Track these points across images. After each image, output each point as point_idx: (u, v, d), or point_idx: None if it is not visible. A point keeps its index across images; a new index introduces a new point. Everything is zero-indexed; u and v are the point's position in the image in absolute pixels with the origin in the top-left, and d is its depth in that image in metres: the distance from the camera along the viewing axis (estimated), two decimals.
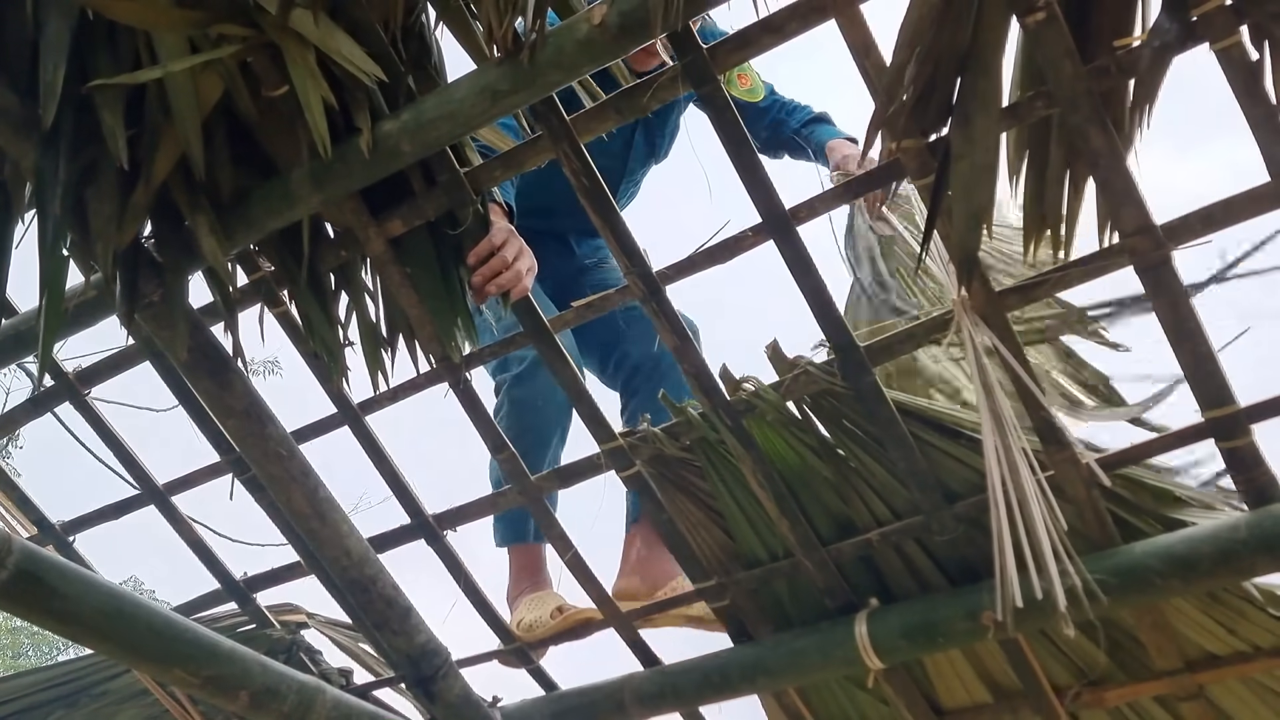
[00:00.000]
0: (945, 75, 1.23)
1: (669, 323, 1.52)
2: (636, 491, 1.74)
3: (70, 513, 2.08)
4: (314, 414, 1.79)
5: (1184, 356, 1.37)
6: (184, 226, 1.43)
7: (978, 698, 1.86)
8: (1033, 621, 1.49)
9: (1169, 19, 1.16)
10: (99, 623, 1.37)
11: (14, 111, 1.30)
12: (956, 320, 1.40)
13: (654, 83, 1.34)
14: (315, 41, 1.25)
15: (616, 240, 1.46)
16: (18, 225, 1.46)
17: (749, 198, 1.41)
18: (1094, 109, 1.23)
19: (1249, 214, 1.28)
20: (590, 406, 1.64)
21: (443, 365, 1.63)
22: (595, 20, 1.24)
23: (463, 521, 1.87)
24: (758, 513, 1.72)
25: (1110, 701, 1.74)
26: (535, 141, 1.43)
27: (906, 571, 1.71)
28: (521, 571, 2.19)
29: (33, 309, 1.62)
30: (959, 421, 1.56)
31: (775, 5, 1.25)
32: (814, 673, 1.77)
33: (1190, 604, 1.60)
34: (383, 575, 1.73)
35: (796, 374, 1.56)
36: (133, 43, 1.31)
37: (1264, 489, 1.43)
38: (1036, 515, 1.38)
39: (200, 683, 1.48)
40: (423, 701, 1.88)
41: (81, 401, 1.88)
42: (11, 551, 1.28)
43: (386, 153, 1.36)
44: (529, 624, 1.97)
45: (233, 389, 1.55)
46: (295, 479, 1.61)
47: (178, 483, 1.96)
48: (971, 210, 1.26)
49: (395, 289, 1.55)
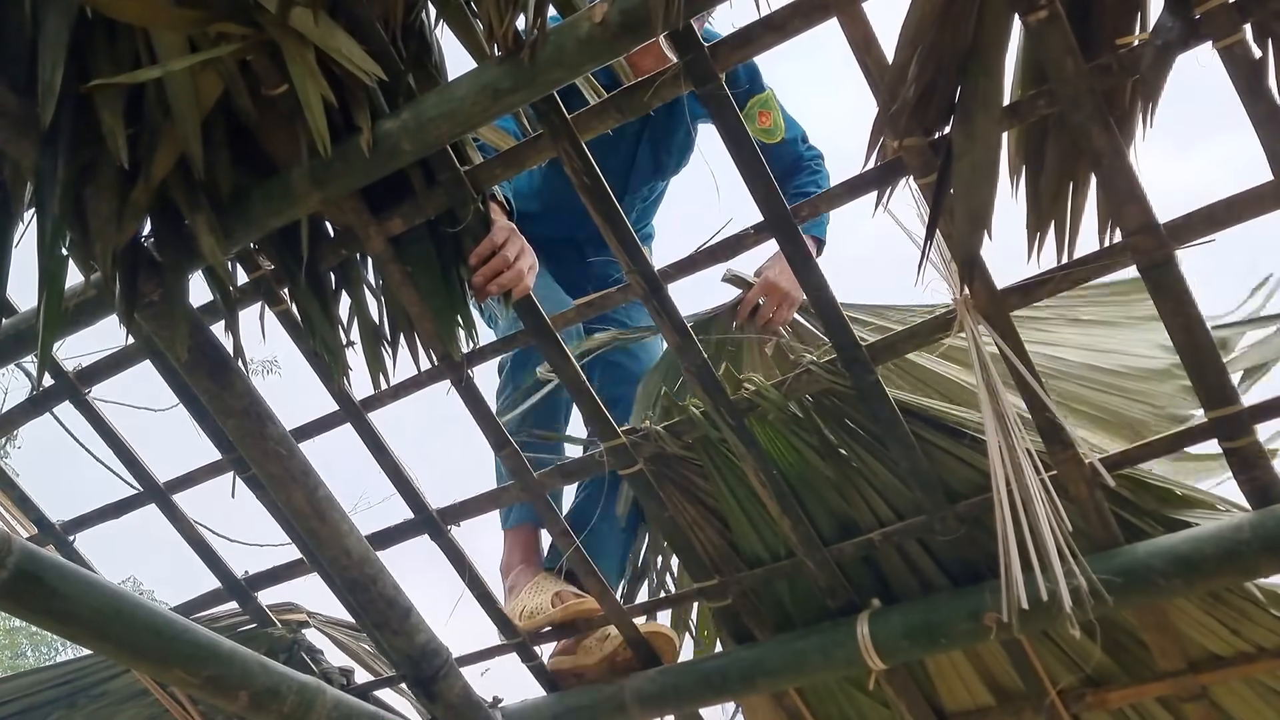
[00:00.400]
0: (947, 74, 1.23)
1: (670, 321, 1.52)
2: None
3: (70, 512, 2.08)
4: (312, 413, 1.79)
5: (1187, 356, 1.36)
6: (184, 225, 1.42)
7: (980, 700, 1.86)
8: (1036, 622, 1.49)
9: (1171, 17, 1.15)
10: (99, 623, 1.37)
11: (13, 111, 1.30)
12: (959, 320, 1.40)
13: (655, 81, 1.34)
14: (315, 40, 1.24)
15: (618, 239, 1.46)
16: (18, 225, 1.45)
17: (750, 196, 1.40)
18: (1096, 107, 1.22)
19: (1252, 213, 1.28)
20: (592, 403, 1.63)
21: (444, 363, 1.63)
22: (596, 18, 1.23)
23: (466, 516, 1.86)
24: (759, 512, 1.72)
25: (1113, 703, 1.74)
26: (536, 140, 1.43)
27: (908, 571, 1.71)
28: (516, 549, 2.17)
29: (32, 308, 1.62)
30: (961, 421, 1.56)
31: (777, 3, 1.24)
32: (815, 673, 1.77)
33: (1193, 604, 1.59)
34: (383, 575, 1.73)
35: (798, 373, 1.56)
36: (132, 41, 1.31)
37: (1267, 489, 1.43)
38: (1040, 515, 1.38)
39: (200, 683, 1.48)
40: (423, 701, 1.88)
41: (81, 401, 1.88)
42: (11, 551, 1.28)
43: (387, 152, 1.36)
44: (530, 610, 1.97)
45: (233, 388, 1.54)
46: (295, 478, 1.60)
47: (178, 481, 1.96)
48: (973, 209, 1.25)
49: (396, 287, 1.55)
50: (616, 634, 1.91)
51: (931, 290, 1.63)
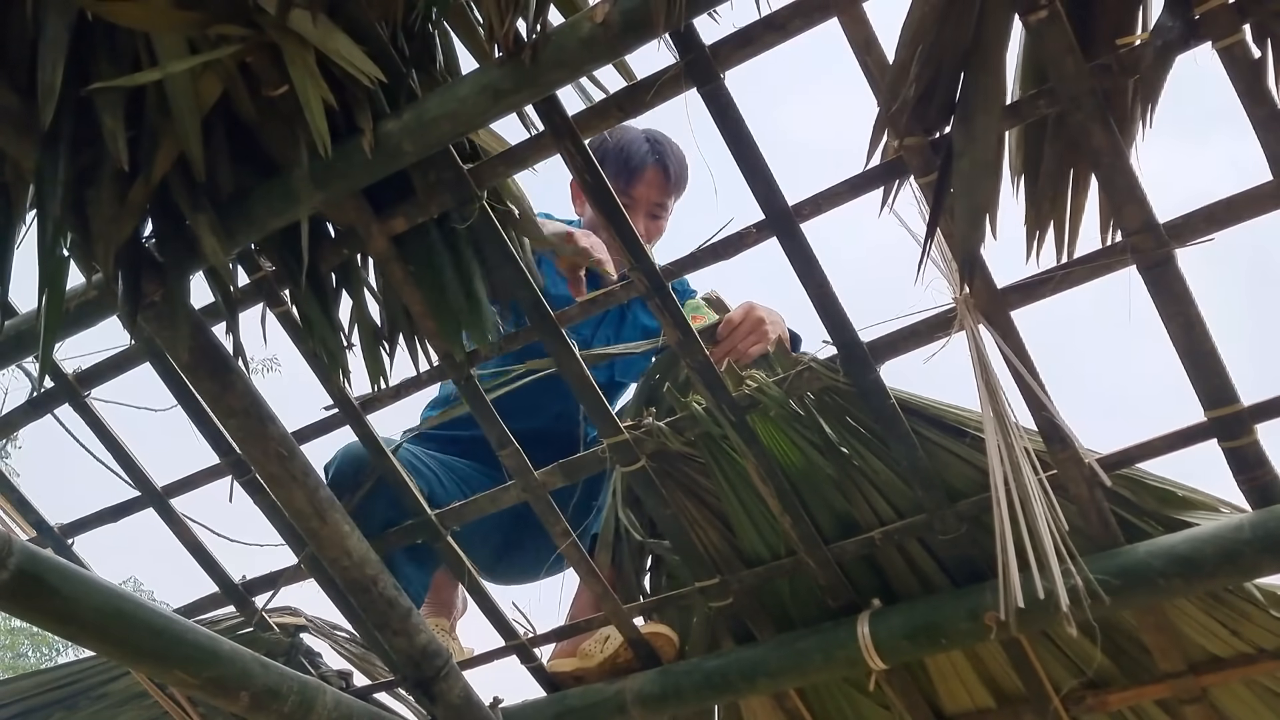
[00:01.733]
0: (948, 73, 1.23)
1: (672, 318, 1.52)
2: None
3: (69, 514, 2.08)
4: (311, 411, 1.79)
5: (1187, 355, 1.37)
6: (185, 226, 1.42)
7: (980, 701, 1.86)
8: (1035, 621, 1.49)
9: (1171, 17, 1.16)
10: (99, 623, 1.37)
11: (14, 112, 1.30)
12: (959, 319, 1.40)
13: (657, 81, 1.34)
14: (314, 42, 1.24)
15: (619, 237, 1.46)
16: (19, 226, 1.45)
17: (751, 194, 1.40)
18: (1096, 107, 1.23)
19: (1252, 213, 1.28)
20: (595, 400, 1.64)
21: (446, 362, 1.63)
22: (598, 18, 1.24)
23: (465, 519, 1.86)
24: (760, 510, 1.72)
25: (1113, 705, 1.74)
26: (538, 138, 1.43)
27: (909, 571, 1.71)
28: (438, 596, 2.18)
29: (33, 310, 1.62)
30: (962, 420, 1.56)
31: (778, 3, 1.25)
32: (816, 673, 1.77)
33: (1193, 605, 1.59)
34: (383, 576, 1.73)
35: (800, 370, 1.56)
36: (132, 43, 1.31)
37: (1267, 489, 1.43)
38: (1039, 514, 1.38)
39: (200, 683, 1.48)
40: (423, 703, 1.87)
41: (81, 403, 1.88)
42: (12, 552, 1.28)
43: (388, 152, 1.36)
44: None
45: (234, 389, 1.54)
46: (296, 479, 1.60)
47: (176, 485, 1.96)
48: (973, 208, 1.26)
49: (398, 286, 1.55)
50: (617, 636, 1.91)
51: (932, 289, 1.63)
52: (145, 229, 1.47)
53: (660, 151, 2.39)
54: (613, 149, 2.37)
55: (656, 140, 2.40)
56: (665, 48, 1.29)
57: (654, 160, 2.37)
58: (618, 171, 2.34)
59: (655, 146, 2.39)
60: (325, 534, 1.65)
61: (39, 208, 1.33)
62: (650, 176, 2.37)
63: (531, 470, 1.74)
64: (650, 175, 2.37)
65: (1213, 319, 1.33)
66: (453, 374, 1.65)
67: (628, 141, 2.38)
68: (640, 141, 2.38)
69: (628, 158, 2.36)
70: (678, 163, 2.42)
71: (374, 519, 1.88)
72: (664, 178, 2.39)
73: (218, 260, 1.38)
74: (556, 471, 1.75)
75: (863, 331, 1.47)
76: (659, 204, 2.40)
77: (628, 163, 2.36)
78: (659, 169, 2.38)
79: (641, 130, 2.42)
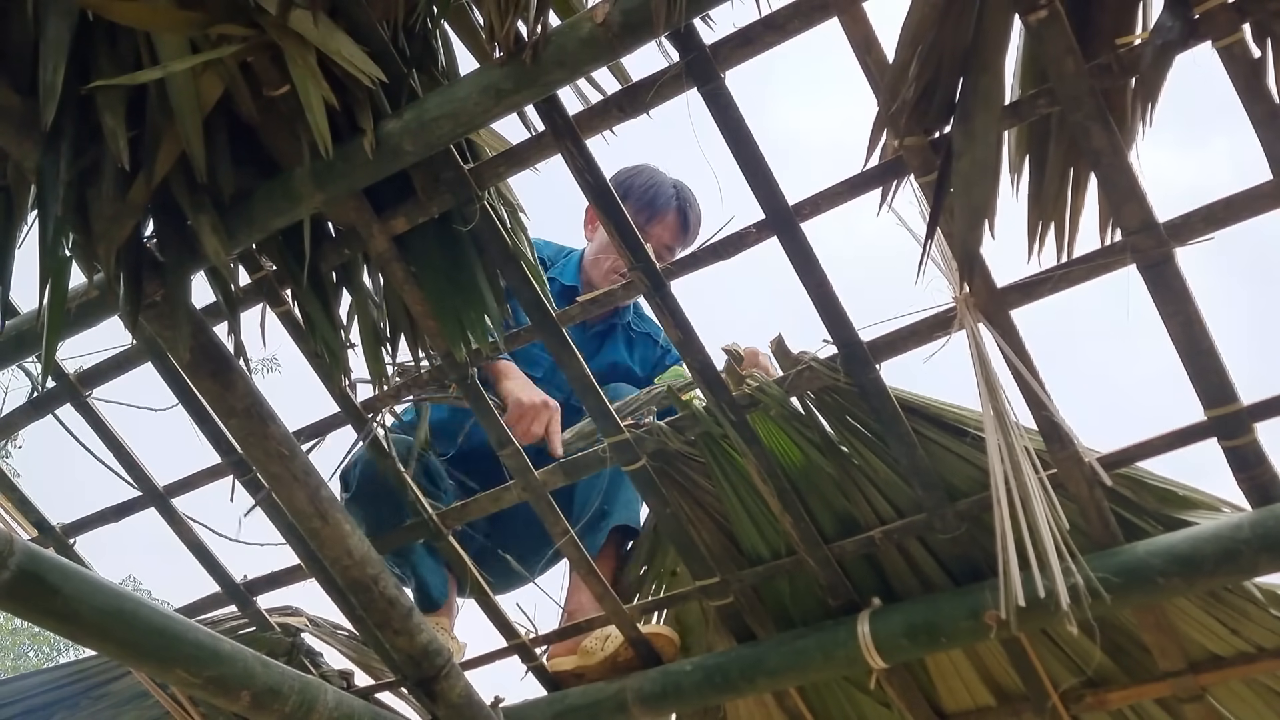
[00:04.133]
0: (947, 73, 1.23)
1: (673, 318, 1.52)
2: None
3: (70, 514, 2.08)
4: (311, 410, 1.79)
5: (1186, 354, 1.37)
6: (186, 226, 1.42)
7: (980, 700, 1.86)
8: (1035, 620, 1.49)
9: (1171, 17, 1.16)
10: (100, 623, 1.37)
11: (16, 112, 1.30)
12: (959, 318, 1.41)
13: (657, 80, 1.34)
14: (315, 42, 1.24)
15: (620, 236, 1.46)
16: (21, 226, 1.46)
17: (751, 194, 1.41)
18: (1096, 107, 1.23)
19: (1251, 212, 1.28)
20: (597, 399, 1.64)
21: (447, 362, 1.63)
22: (598, 18, 1.24)
23: (467, 518, 1.86)
24: (760, 509, 1.73)
25: (1113, 703, 1.74)
26: (539, 138, 1.44)
27: (909, 570, 1.71)
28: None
29: (34, 309, 1.62)
30: (962, 419, 1.57)
31: (777, 3, 1.25)
32: (816, 672, 1.77)
33: (1193, 604, 1.60)
34: (384, 575, 1.73)
35: (800, 369, 1.56)
36: (133, 43, 1.31)
37: (1267, 488, 1.43)
38: (1039, 513, 1.38)
39: (202, 683, 1.48)
40: (424, 702, 1.87)
41: (83, 403, 1.88)
42: (14, 552, 1.28)
43: (389, 152, 1.36)
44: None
45: (235, 389, 1.54)
46: (297, 478, 1.60)
47: (178, 485, 1.96)
48: (973, 207, 1.26)
49: (399, 286, 1.55)
50: (617, 635, 1.92)
51: (932, 288, 1.63)
52: (146, 229, 1.47)
53: (684, 200, 2.48)
54: (640, 185, 2.47)
55: (682, 190, 2.50)
56: (665, 48, 1.29)
57: (676, 205, 2.47)
58: (640, 207, 2.43)
59: (680, 194, 2.49)
60: (326, 533, 1.65)
61: (40, 208, 1.33)
62: (670, 220, 2.46)
63: (532, 470, 1.74)
64: (670, 219, 2.46)
65: (1212, 318, 1.34)
66: (453, 374, 1.65)
67: (656, 183, 2.48)
68: (668, 186, 2.48)
69: (654, 197, 2.46)
70: (696, 216, 2.51)
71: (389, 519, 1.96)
72: (681, 225, 2.48)
73: (219, 260, 1.39)
74: (557, 471, 1.75)
75: (863, 331, 1.48)
76: (668, 247, 2.47)
77: (653, 202, 2.45)
78: (679, 216, 2.47)
79: (671, 178, 2.52)
